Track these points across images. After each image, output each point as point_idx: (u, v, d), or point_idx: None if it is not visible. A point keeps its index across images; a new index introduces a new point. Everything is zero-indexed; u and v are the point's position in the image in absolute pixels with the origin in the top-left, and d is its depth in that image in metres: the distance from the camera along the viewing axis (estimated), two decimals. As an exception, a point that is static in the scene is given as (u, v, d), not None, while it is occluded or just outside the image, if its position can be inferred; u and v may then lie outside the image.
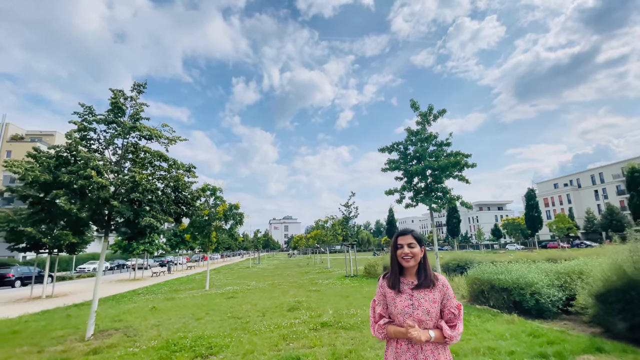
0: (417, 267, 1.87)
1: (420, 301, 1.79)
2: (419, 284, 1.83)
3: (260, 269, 29.73)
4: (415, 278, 1.87)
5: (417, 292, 1.82)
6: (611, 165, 68.69)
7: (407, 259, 1.83)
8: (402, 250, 1.85)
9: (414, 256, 1.83)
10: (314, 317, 7.47)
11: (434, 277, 1.85)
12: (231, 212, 17.37)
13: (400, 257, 1.86)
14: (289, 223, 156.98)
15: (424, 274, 1.84)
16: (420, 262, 1.86)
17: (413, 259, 1.83)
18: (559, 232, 56.35)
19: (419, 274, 1.86)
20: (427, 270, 1.85)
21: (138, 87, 7.29)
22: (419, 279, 1.84)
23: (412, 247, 1.84)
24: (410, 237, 1.86)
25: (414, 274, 1.88)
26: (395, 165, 8.07)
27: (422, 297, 1.80)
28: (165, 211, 7.05)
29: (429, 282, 1.82)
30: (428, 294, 1.80)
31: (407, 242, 1.85)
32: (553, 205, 78.09)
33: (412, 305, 1.80)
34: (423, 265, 1.86)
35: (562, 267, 8.18)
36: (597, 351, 4.46)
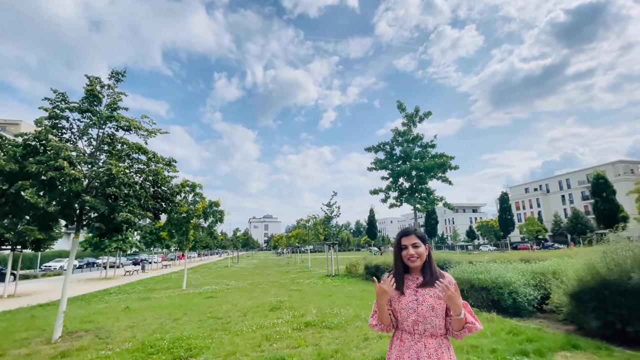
0: (422, 264, 1.84)
1: (425, 297, 1.76)
2: (425, 282, 1.80)
3: (240, 268, 29.22)
4: (420, 275, 1.84)
5: (422, 289, 1.79)
6: (577, 172, 72.78)
7: (413, 259, 1.79)
8: (407, 252, 1.81)
9: (420, 256, 1.79)
10: (297, 316, 7.35)
11: (440, 275, 1.81)
12: (211, 209, 16.91)
13: (405, 259, 1.83)
14: (269, 222, 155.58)
15: (429, 272, 1.81)
16: (426, 260, 1.83)
17: (419, 259, 1.80)
18: (529, 235, 59.09)
19: (424, 272, 1.83)
20: (433, 268, 1.82)
21: (116, 75, 6.90)
22: (424, 277, 1.81)
23: (416, 247, 1.80)
24: (414, 237, 1.82)
25: (419, 271, 1.86)
26: (382, 165, 8.09)
27: (427, 293, 1.77)
28: (143, 206, 6.70)
29: (435, 280, 1.78)
30: (433, 290, 1.77)
31: (411, 243, 1.81)
32: (524, 208, 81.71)
33: (417, 300, 1.77)
34: (428, 263, 1.83)
35: (537, 267, 8.49)
36: (573, 348, 4.62)
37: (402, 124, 8.46)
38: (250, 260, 47.91)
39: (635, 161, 68.44)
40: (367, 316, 7.03)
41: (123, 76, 6.96)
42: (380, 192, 8.34)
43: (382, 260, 13.95)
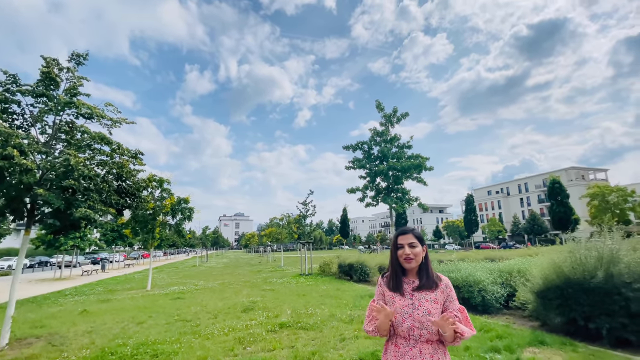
0: (419, 267, 1.76)
1: (421, 301, 1.69)
2: (421, 285, 1.72)
3: (209, 267, 28.29)
4: (417, 277, 1.76)
5: (418, 292, 1.72)
6: (534, 177, 78.03)
7: (409, 259, 1.72)
8: (403, 251, 1.73)
9: (416, 256, 1.72)
10: (271, 317, 7.14)
11: (437, 278, 1.75)
12: (180, 206, 16.16)
13: (401, 258, 1.75)
14: (240, 220, 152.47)
15: (425, 274, 1.74)
16: (422, 262, 1.75)
17: (415, 260, 1.72)
18: (491, 235, 62.54)
19: (420, 274, 1.75)
20: (429, 271, 1.76)
21: (77, 58, 6.31)
22: (420, 280, 1.74)
23: (413, 247, 1.73)
24: (412, 236, 1.75)
25: (415, 273, 1.78)
26: (360, 164, 8.08)
27: (423, 297, 1.69)
28: (105, 202, 6.18)
29: (432, 283, 1.72)
30: (429, 294, 1.70)
31: (408, 242, 1.73)
32: (486, 210, 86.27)
33: (412, 304, 1.69)
34: (425, 265, 1.76)
35: (503, 266, 8.86)
36: (541, 344, 4.83)
37: (380, 123, 8.51)
38: (220, 259, 46.61)
39: (585, 168, 74.50)
40: (343, 315, 6.99)
41: (85, 59, 6.37)
42: (358, 191, 8.33)
43: (355, 259, 14.02)
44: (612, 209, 32.16)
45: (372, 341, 5.19)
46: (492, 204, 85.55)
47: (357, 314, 7.08)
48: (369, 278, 13.19)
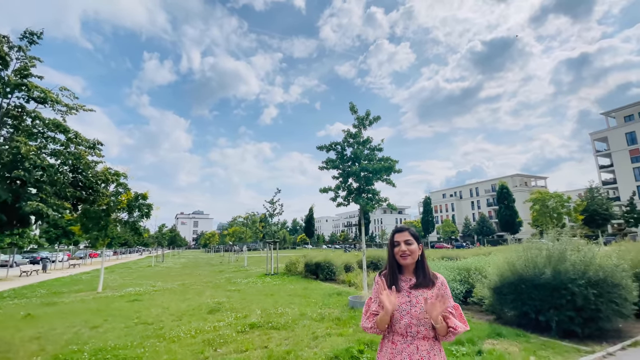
0: (415, 265, 1.82)
1: (418, 298, 1.73)
2: (418, 283, 1.77)
3: (166, 267, 26.86)
4: (413, 275, 1.82)
5: (415, 290, 1.77)
6: (484, 182, 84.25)
7: (405, 256, 1.77)
8: (399, 248, 1.78)
9: (412, 253, 1.77)
10: (239, 318, 6.97)
11: (433, 276, 1.81)
12: (137, 202, 15.16)
13: (397, 255, 1.80)
14: (199, 218, 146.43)
15: (422, 272, 1.80)
16: (418, 260, 1.81)
17: (410, 257, 1.77)
18: (445, 235, 66.41)
19: (417, 272, 1.81)
20: (426, 269, 1.81)
21: (30, 37, 5.67)
22: (417, 278, 1.79)
23: (409, 244, 1.78)
24: (407, 234, 1.80)
25: (411, 271, 1.83)
26: (334, 164, 8.16)
27: (420, 295, 1.74)
28: (60, 195, 5.63)
29: (428, 281, 1.77)
30: (426, 292, 1.75)
31: (404, 239, 1.79)
32: (441, 212, 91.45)
33: (410, 302, 1.74)
34: (421, 263, 1.82)
35: (462, 264, 9.45)
36: (498, 336, 5.24)
37: (353, 125, 8.63)
38: (177, 259, 44.43)
39: (528, 175, 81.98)
40: (313, 314, 7.03)
41: (39, 38, 5.75)
42: (330, 191, 8.41)
43: (322, 258, 14.16)
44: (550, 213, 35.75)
45: (345, 338, 5.29)
46: (447, 207, 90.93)
47: (327, 312, 7.16)
48: (335, 277, 13.37)
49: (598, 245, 6.26)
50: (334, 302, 8.48)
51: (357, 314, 6.83)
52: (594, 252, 5.64)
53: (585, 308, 5.00)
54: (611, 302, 4.99)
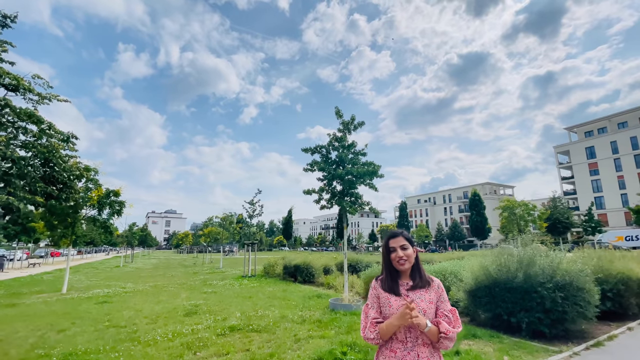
0: (411, 268, 1.80)
1: (417, 301, 1.71)
2: (415, 285, 1.77)
3: (135, 268, 25.72)
4: (410, 279, 1.80)
5: (413, 293, 1.75)
6: (456, 189, 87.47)
7: (403, 262, 1.75)
8: (396, 254, 1.76)
9: (409, 258, 1.75)
10: (218, 321, 6.82)
11: (429, 278, 1.81)
12: (108, 199, 14.46)
13: (394, 261, 1.78)
14: (172, 218, 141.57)
15: (418, 274, 1.79)
16: (414, 264, 1.79)
17: (408, 262, 1.76)
18: (419, 239, 68.17)
19: (413, 275, 1.80)
20: (421, 271, 1.81)
21: (3, 20, 5.31)
22: (414, 280, 1.78)
23: (405, 249, 1.76)
24: (402, 239, 1.78)
25: (408, 275, 1.82)
26: (320, 167, 8.21)
27: (418, 297, 1.73)
28: (30, 190, 5.29)
29: (425, 282, 1.78)
30: (424, 294, 1.75)
31: (399, 245, 1.77)
32: (416, 216, 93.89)
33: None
34: (416, 266, 1.80)
35: (438, 267, 9.75)
36: (473, 337, 5.47)
37: (338, 129, 8.74)
38: (147, 259, 42.66)
39: (497, 184, 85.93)
40: (294, 316, 7.00)
41: (13, 21, 5.39)
42: (314, 193, 8.44)
43: (301, 260, 14.13)
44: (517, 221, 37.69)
45: (328, 340, 5.32)
46: (421, 212, 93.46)
47: (308, 315, 7.16)
48: (314, 279, 13.38)
49: (564, 252, 6.69)
50: (314, 304, 8.49)
51: (338, 316, 6.88)
52: (560, 257, 6.03)
53: (553, 310, 5.33)
54: (576, 304, 5.34)
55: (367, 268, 12.25)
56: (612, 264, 6.93)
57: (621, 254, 8.49)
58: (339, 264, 15.60)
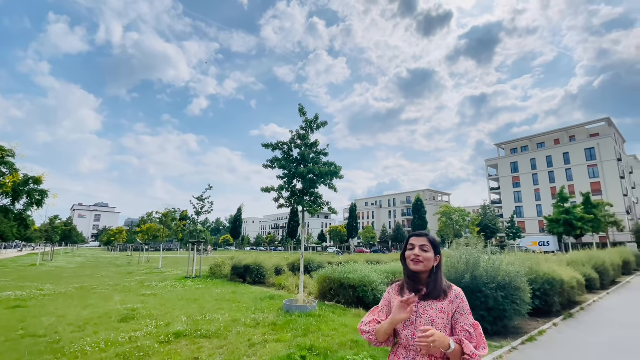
0: (429, 274, 1.66)
1: (425, 309, 1.61)
2: (427, 294, 1.63)
3: (57, 267, 22.63)
4: (425, 286, 1.67)
5: (424, 301, 1.64)
6: (400, 194, 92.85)
7: (417, 261, 1.63)
8: (413, 252, 1.65)
9: (425, 261, 1.62)
10: (161, 326, 6.18)
11: (448, 287, 1.66)
12: (27, 187, 12.46)
13: (409, 259, 1.66)
14: (102, 212, 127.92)
15: (433, 283, 1.64)
16: (432, 270, 1.66)
17: (423, 264, 1.62)
18: (365, 240, 70.84)
19: (428, 283, 1.65)
20: (438, 280, 1.66)
21: None
22: (428, 288, 1.64)
23: (425, 251, 1.64)
24: (425, 240, 1.67)
25: (424, 281, 1.67)
26: (281, 164, 7.95)
27: (429, 306, 1.62)
28: None
29: (439, 292, 1.63)
30: (436, 303, 1.62)
31: (419, 244, 1.65)
32: (363, 218, 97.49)
33: (417, 312, 1.62)
34: (435, 274, 1.66)
35: (388, 267, 10.09)
36: (425, 335, 5.68)
37: (301, 127, 8.58)
38: (71, 257, 37.80)
39: (436, 191, 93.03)
40: (247, 320, 6.65)
41: None
42: (273, 191, 8.15)
43: (252, 261, 13.63)
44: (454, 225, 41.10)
45: (285, 344, 5.11)
46: (368, 214, 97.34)
47: (262, 318, 6.85)
48: (265, 280, 12.99)
49: (504, 255, 7.34)
50: (267, 306, 8.17)
51: (294, 318, 6.69)
52: (501, 260, 6.58)
53: (495, 308, 5.78)
54: (514, 302, 5.86)
55: (319, 268, 12.25)
56: (540, 267, 7.79)
57: (545, 258, 9.63)
58: (291, 264, 15.39)
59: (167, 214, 24.46)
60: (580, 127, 62.94)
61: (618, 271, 14.16)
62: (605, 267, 11.99)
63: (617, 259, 14.27)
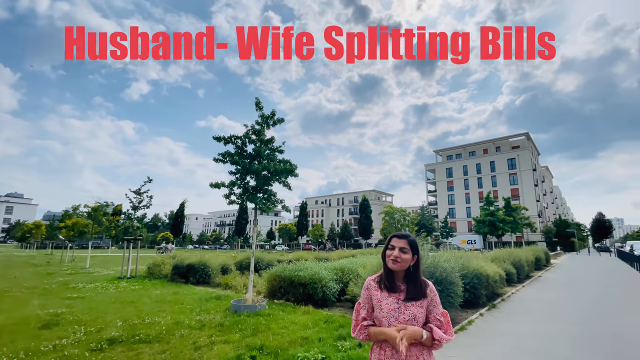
0: (406, 274, 1.81)
1: (407, 305, 1.74)
2: (410, 297, 1.76)
3: (-49, 268, 19.03)
4: (403, 282, 1.81)
5: (406, 300, 1.77)
6: (348, 194, 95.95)
7: (395, 262, 1.76)
8: (392, 252, 1.78)
9: (402, 262, 1.76)
10: (91, 332, 5.60)
11: (425, 285, 1.81)
12: None
13: (388, 258, 1.79)
14: (15, 203, 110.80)
15: (413, 284, 1.78)
16: (410, 271, 1.80)
17: (400, 264, 1.76)
18: (314, 238, 71.76)
19: (407, 282, 1.80)
20: (418, 281, 1.79)
21: None
22: (407, 288, 1.78)
23: (403, 252, 1.77)
24: (405, 242, 1.79)
25: (402, 278, 1.82)
26: (233, 159, 7.69)
27: (410, 302, 1.76)
28: None
29: (420, 294, 1.77)
30: (416, 303, 1.76)
31: (399, 246, 1.78)
32: (313, 216, 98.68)
33: (399, 309, 1.74)
34: (413, 274, 1.80)
35: (337, 264, 10.36)
36: (371, 329, 5.98)
37: (257, 122, 8.42)
38: (-30, 256, 32.07)
39: (380, 191, 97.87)
40: (191, 322, 6.34)
41: None
42: (223, 187, 7.87)
43: (196, 260, 12.97)
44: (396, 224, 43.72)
45: (233, 345, 4.99)
46: (318, 212, 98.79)
47: (208, 319, 6.58)
48: (210, 280, 12.45)
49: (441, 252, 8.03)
50: (213, 307, 7.86)
51: (242, 318, 6.54)
52: (440, 257, 7.20)
53: (433, 301, 6.30)
54: (449, 296, 6.46)
55: (268, 267, 12.09)
56: (470, 263, 8.66)
57: (473, 255, 10.74)
58: (239, 262, 14.97)
59: (97, 207, 22.04)
60: (505, 140, 71.30)
61: (531, 267, 16.38)
62: (522, 263, 13.79)
63: (530, 256, 16.50)
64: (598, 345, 5.45)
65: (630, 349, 5.29)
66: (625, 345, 5.48)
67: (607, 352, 5.14)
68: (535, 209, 61.36)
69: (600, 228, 71.03)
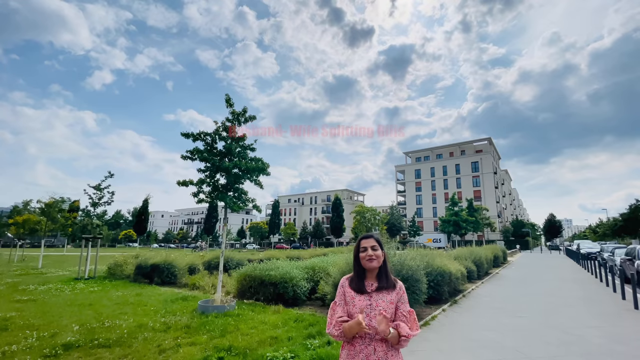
0: (378, 270, 1.93)
1: (378, 302, 1.85)
2: (381, 286, 1.89)
3: None
4: (376, 280, 1.92)
5: (377, 293, 1.88)
6: (321, 193, 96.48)
7: (372, 259, 1.87)
8: (367, 253, 1.89)
9: (377, 258, 1.89)
10: (44, 338, 5.24)
11: (395, 280, 1.95)
12: None
13: (364, 260, 1.90)
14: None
15: (385, 276, 1.92)
16: (381, 266, 1.93)
17: (376, 261, 1.89)
18: (286, 236, 71.44)
19: (379, 277, 1.92)
20: (388, 273, 1.94)
21: None
22: (379, 282, 1.90)
23: (375, 250, 1.90)
24: (373, 241, 1.92)
25: (374, 276, 1.93)
26: (202, 156, 7.50)
27: (380, 298, 1.86)
28: None
29: (390, 284, 1.90)
30: (386, 295, 1.87)
31: (370, 245, 1.90)
32: (285, 215, 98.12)
33: (370, 305, 1.85)
34: (384, 268, 1.93)
35: (308, 263, 10.41)
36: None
37: (227, 119, 8.26)
38: None
39: (352, 191, 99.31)
40: (156, 324, 6.13)
41: None
42: (192, 185, 7.66)
43: (162, 259, 12.48)
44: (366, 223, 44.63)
45: (200, 347, 4.89)
46: (290, 211, 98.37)
47: (174, 321, 6.38)
48: (176, 280, 12.04)
49: (407, 250, 8.34)
50: (179, 308, 7.62)
51: (210, 319, 6.41)
52: (406, 255, 7.48)
53: (399, 298, 6.56)
54: (414, 293, 6.74)
55: (238, 266, 11.91)
56: (434, 261, 9.07)
57: (438, 253, 11.25)
58: (207, 262, 14.62)
59: (52, 203, 20.45)
60: (469, 144, 75.09)
61: (490, 264, 17.43)
62: (482, 261, 14.64)
63: (489, 254, 17.56)
64: (540, 335, 5.96)
65: (567, 337, 5.84)
66: (562, 335, 6.03)
67: (547, 341, 5.64)
68: (495, 210, 65.30)
69: (552, 228, 76.92)
